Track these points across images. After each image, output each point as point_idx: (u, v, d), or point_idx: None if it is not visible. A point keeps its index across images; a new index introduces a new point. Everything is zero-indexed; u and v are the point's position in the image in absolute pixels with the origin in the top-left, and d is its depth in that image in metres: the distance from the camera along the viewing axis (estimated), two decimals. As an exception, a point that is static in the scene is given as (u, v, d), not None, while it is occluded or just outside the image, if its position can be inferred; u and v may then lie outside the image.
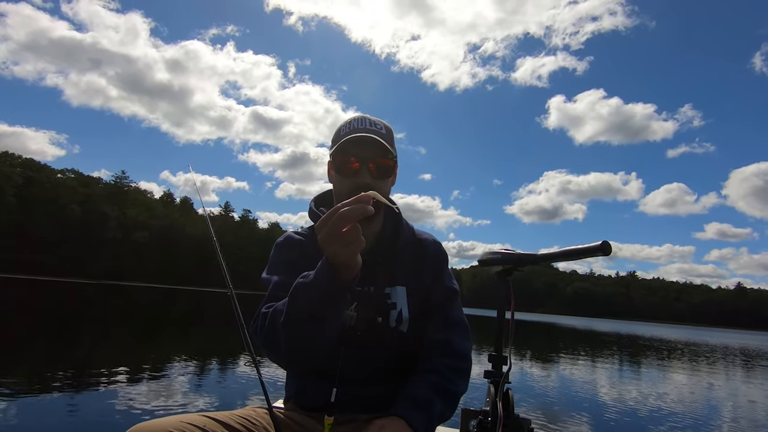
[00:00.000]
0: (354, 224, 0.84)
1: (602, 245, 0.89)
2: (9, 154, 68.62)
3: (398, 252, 1.19)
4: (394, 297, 1.15)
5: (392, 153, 1.14)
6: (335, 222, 0.83)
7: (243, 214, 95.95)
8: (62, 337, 8.31)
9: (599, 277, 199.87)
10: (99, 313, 15.92)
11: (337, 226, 0.83)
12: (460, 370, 1.14)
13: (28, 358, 6.42)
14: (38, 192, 63.03)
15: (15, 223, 59.10)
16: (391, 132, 1.18)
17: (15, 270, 54.52)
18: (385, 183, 1.15)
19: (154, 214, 75.86)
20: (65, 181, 70.88)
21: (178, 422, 0.92)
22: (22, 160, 69.40)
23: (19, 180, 62.38)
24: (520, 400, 5.97)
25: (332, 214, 0.83)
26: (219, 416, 1.00)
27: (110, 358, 7.05)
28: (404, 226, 1.23)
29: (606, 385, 8.10)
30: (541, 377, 8.34)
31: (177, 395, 4.77)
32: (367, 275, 1.12)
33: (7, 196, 59.71)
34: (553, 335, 25.55)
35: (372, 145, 1.10)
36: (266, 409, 1.07)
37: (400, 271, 1.18)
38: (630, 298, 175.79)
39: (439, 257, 1.25)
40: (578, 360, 12.05)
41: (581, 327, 41.30)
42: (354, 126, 1.13)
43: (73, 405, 4.17)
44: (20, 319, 11.61)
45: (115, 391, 4.75)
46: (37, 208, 61.29)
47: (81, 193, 68.07)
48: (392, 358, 1.13)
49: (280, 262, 1.18)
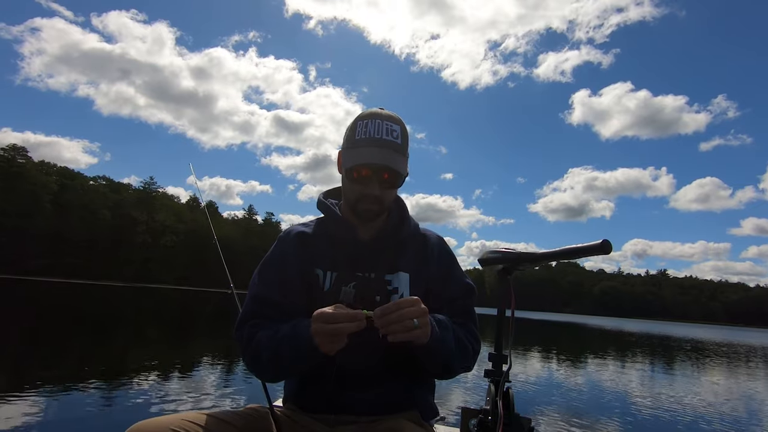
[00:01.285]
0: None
1: (602, 244, 0.88)
2: (45, 163, 72.09)
3: (403, 241, 1.21)
4: (396, 282, 1.16)
5: (405, 166, 1.14)
6: (328, 331, 0.92)
7: (266, 217, 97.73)
8: (72, 337, 8.60)
9: (628, 276, 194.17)
10: (115, 315, 16.23)
11: (328, 333, 0.92)
12: (474, 339, 1.17)
13: (31, 358, 6.52)
14: (72, 198, 65.89)
15: (51, 228, 61.99)
16: (406, 133, 1.17)
17: (52, 273, 57.24)
18: (393, 192, 1.17)
19: (181, 218, 77.97)
20: (97, 187, 73.98)
21: (178, 420, 0.93)
22: (57, 169, 72.86)
23: (54, 187, 65.45)
24: (526, 399, 5.90)
25: (329, 320, 0.92)
26: (220, 415, 1.01)
27: (111, 358, 7.15)
28: (409, 220, 1.25)
29: (620, 385, 7.87)
30: (553, 376, 8.17)
31: (178, 394, 4.80)
32: (369, 262, 1.15)
33: (44, 203, 62.79)
34: (580, 336, 24.98)
35: (386, 157, 1.10)
36: (267, 409, 1.09)
37: (405, 260, 1.19)
38: (661, 298, 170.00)
39: (446, 251, 1.27)
40: (604, 361, 11.73)
41: (610, 327, 40.21)
42: (370, 132, 1.11)
43: (74, 404, 4.19)
44: (29, 320, 11.86)
45: (116, 390, 4.80)
46: (72, 214, 64.05)
47: (112, 199, 70.73)
48: (393, 347, 1.12)
49: (274, 261, 1.19)
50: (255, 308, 1.12)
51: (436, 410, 1.23)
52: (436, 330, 1.04)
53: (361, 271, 1.15)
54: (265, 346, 1.03)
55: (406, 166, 1.15)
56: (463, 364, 1.14)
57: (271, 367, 1.04)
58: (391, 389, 1.13)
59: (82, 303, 20.53)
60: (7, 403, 4.03)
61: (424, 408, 1.18)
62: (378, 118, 1.13)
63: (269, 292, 1.13)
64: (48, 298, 21.94)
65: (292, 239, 1.21)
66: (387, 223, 1.21)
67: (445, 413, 1.31)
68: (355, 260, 1.16)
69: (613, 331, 32.31)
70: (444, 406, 4.86)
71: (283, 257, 1.18)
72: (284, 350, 0.99)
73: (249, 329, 1.09)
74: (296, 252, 1.18)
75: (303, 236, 1.21)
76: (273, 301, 1.12)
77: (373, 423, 1.08)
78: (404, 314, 0.93)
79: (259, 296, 1.13)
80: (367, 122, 1.13)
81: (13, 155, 65.01)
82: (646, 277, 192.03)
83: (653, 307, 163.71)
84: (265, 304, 1.12)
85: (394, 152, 1.11)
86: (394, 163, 1.10)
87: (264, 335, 1.05)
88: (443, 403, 5.03)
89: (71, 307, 17.73)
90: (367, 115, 1.15)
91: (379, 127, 1.12)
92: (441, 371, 1.13)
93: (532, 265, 1.05)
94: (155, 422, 0.92)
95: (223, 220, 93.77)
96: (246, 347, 1.07)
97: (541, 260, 1.04)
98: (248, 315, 1.12)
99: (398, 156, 1.12)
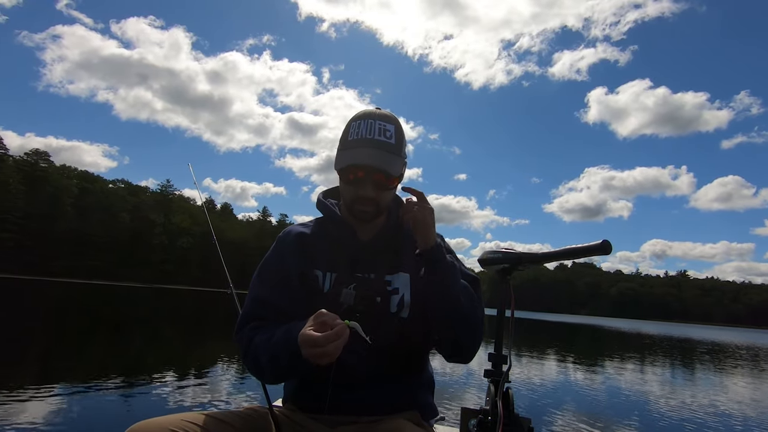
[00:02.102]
0: None
1: (602, 244, 0.88)
2: (66, 167, 74.09)
3: (403, 241, 1.19)
4: (397, 283, 1.15)
5: (399, 166, 1.12)
6: (317, 354, 0.90)
7: (280, 218, 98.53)
8: (76, 337, 8.66)
9: (646, 277, 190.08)
10: (125, 315, 16.28)
11: (318, 356, 0.90)
12: (480, 308, 1.16)
13: (32, 358, 6.54)
14: (92, 202, 67.54)
15: (73, 230, 63.64)
16: (402, 133, 1.15)
17: (75, 275, 58.72)
18: (389, 193, 1.15)
19: (197, 220, 79.17)
20: (116, 190, 75.74)
21: (178, 421, 0.93)
22: (78, 173, 74.81)
23: (75, 191, 67.24)
24: (526, 399, 5.83)
25: (315, 345, 0.89)
26: (219, 415, 1.01)
27: (112, 358, 7.18)
28: None
29: (622, 386, 7.70)
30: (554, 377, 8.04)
31: (177, 394, 4.80)
32: (369, 262, 1.14)
33: (66, 206, 64.53)
34: (595, 338, 24.54)
35: (378, 158, 1.08)
36: (267, 409, 1.08)
37: (404, 259, 1.18)
38: (681, 299, 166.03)
39: (446, 248, 1.24)
40: (611, 363, 11.50)
41: (628, 329, 39.42)
42: (363, 133, 1.10)
43: (74, 403, 4.18)
44: (35, 321, 11.94)
45: (116, 390, 4.79)
46: (92, 217, 65.63)
47: (130, 201, 72.22)
48: (394, 348, 1.11)
49: (274, 262, 1.18)
50: (255, 310, 1.12)
51: (436, 410, 1.22)
52: (447, 259, 1.11)
53: (360, 272, 1.14)
54: (263, 350, 1.03)
55: (400, 167, 1.14)
56: (471, 309, 1.10)
57: (271, 370, 1.04)
58: (391, 389, 1.12)
59: (94, 303, 20.77)
60: (7, 402, 4.05)
61: (424, 408, 1.17)
62: (371, 118, 1.12)
63: (269, 293, 1.13)
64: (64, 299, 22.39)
65: (291, 240, 1.20)
66: (386, 224, 1.20)
67: (445, 413, 1.30)
68: (354, 261, 1.15)
69: (631, 333, 31.66)
70: (444, 406, 4.83)
71: (283, 258, 1.17)
72: (280, 355, 0.99)
73: (248, 332, 1.09)
74: (295, 253, 1.17)
75: (302, 237, 1.20)
76: (272, 302, 1.12)
77: (373, 423, 1.07)
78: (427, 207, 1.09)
79: (258, 298, 1.13)
80: (360, 123, 1.12)
81: (36, 160, 67.17)
82: (666, 279, 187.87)
83: (673, 308, 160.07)
84: (265, 306, 1.12)
85: (387, 153, 1.10)
86: (387, 164, 1.08)
87: (261, 339, 1.04)
88: (443, 403, 5.00)
89: (81, 308, 17.87)
90: (361, 115, 1.13)
91: (372, 127, 1.10)
92: (449, 304, 1.08)
93: (532, 266, 1.05)
94: (155, 422, 0.92)
95: (237, 221, 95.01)
96: (246, 350, 1.07)
97: (541, 260, 1.04)
98: (248, 317, 1.12)
99: (392, 156, 1.10)
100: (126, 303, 23.72)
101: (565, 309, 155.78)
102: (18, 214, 59.30)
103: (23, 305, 16.61)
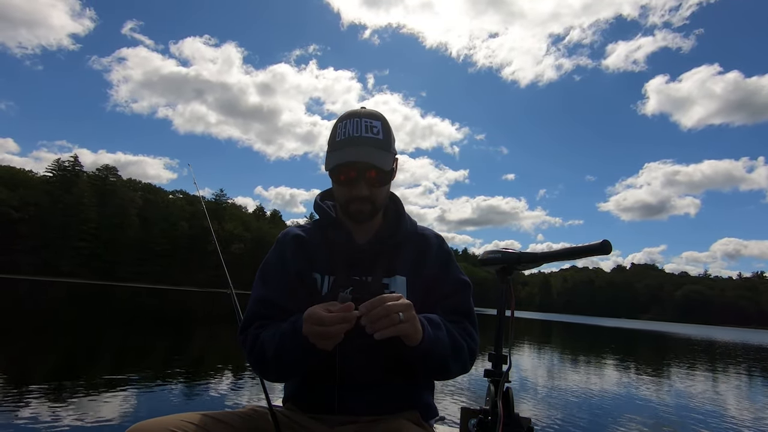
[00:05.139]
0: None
1: (602, 244, 0.87)
2: (132, 180, 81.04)
3: (400, 243, 1.18)
4: (393, 286, 1.14)
5: (389, 161, 1.11)
6: (319, 333, 0.91)
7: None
8: (82, 339, 8.80)
9: (716, 280, 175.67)
10: (156, 318, 16.40)
11: (319, 335, 0.91)
12: (470, 338, 1.13)
13: (33, 358, 6.64)
14: (155, 211, 72.76)
15: (138, 239, 68.92)
16: (389, 129, 1.14)
17: (139, 279, 63.38)
18: (382, 190, 1.14)
19: (248, 227, 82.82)
20: (175, 201, 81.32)
21: (178, 421, 0.95)
22: (142, 185, 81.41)
23: (140, 202, 72.95)
24: (526, 399, 5.74)
25: (318, 323, 0.91)
26: (219, 416, 1.02)
27: (113, 358, 7.28)
28: (406, 219, 1.22)
29: (633, 390, 7.31)
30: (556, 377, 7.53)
31: (177, 394, 4.84)
32: (366, 265, 1.14)
33: (131, 216, 70.12)
34: (661, 345, 22.92)
35: (368, 155, 1.07)
36: (267, 409, 1.09)
37: (401, 262, 1.16)
38: (758, 303, 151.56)
39: (444, 251, 1.23)
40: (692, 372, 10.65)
41: (697, 336, 36.46)
42: (349, 132, 1.10)
43: (74, 403, 4.22)
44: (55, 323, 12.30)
45: (116, 390, 4.80)
46: (155, 226, 70.70)
47: (188, 210, 76.99)
48: (391, 352, 1.09)
49: (275, 262, 1.20)
50: (259, 310, 1.14)
51: (436, 410, 1.21)
52: (429, 330, 1.00)
53: (358, 275, 1.14)
54: (269, 345, 1.04)
55: (390, 162, 1.12)
56: (460, 364, 1.10)
57: (276, 365, 1.04)
58: (390, 389, 1.11)
59: (142, 307, 21.59)
60: (7, 402, 4.11)
61: (423, 408, 1.16)
62: (357, 116, 1.11)
63: (271, 294, 1.14)
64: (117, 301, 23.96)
65: (290, 242, 1.21)
66: (383, 225, 1.19)
67: (444, 413, 1.28)
68: (351, 264, 1.15)
69: (703, 341, 29.13)
70: (444, 406, 4.79)
71: (284, 259, 1.19)
72: (286, 346, 1.00)
73: (254, 331, 1.10)
74: (294, 255, 1.18)
75: (300, 239, 1.21)
76: (276, 302, 1.13)
77: (373, 423, 1.06)
78: (390, 308, 0.90)
79: (261, 298, 1.15)
80: (346, 122, 1.11)
81: (106, 175, 74.06)
82: (739, 281, 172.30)
83: (748, 313, 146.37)
84: (269, 306, 1.13)
85: (375, 149, 1.09)
86: (376, 159, 1.07)
87: (267, 334, 1.06)
88: (443, 403, 4.95)
89: (121, 310, 18.47)
90: (347, 115, 1.13)
91: (358, 125, 1.10)
92: (437, 372, 1.09)
93: (532, 266, 1.04)
94: (155, 423, 0.93)
95: (286, 228, 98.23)
96: (251, 348, 1.08)
97: (541, 261, 1.03)
98: (253, 317, 1.14)
99: (380, 152, 1.09)
100: (173, 305, 24.74)
101: (624, 314, 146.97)
102: (92, 225, 65.17)
103: (72, 307, 17.77)
